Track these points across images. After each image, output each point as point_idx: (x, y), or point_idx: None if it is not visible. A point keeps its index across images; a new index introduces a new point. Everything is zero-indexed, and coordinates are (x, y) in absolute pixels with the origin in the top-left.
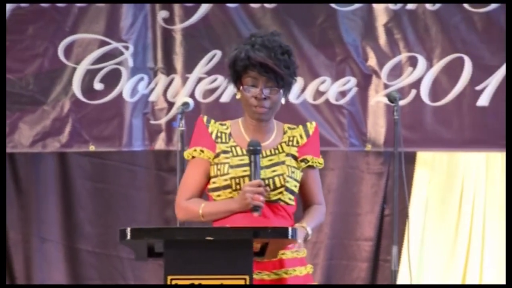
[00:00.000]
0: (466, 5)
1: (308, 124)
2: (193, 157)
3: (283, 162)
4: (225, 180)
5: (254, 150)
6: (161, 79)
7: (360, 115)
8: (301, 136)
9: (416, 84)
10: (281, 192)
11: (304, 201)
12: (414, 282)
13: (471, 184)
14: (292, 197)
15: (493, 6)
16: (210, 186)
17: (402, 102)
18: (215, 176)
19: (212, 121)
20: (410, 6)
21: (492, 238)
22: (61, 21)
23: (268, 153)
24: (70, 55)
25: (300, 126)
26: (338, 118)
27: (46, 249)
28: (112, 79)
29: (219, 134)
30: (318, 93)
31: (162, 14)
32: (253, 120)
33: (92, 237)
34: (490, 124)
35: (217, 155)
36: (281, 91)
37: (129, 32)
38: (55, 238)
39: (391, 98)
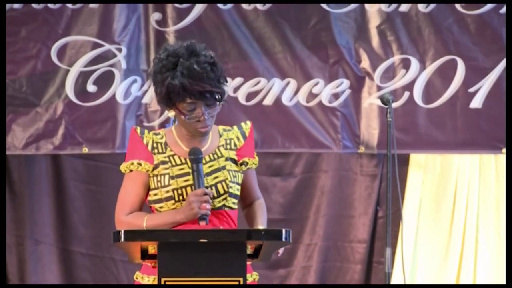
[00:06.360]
0: (459, 7)
1: (243, 124)
2: (131, 170)
3: (223, 167)
4: (167, 191)
5: (196, 159)
6: None
7: (353, 117)
8: (238, 138)
9: (409, 86)
10: (225, 198)
11: (245, 199)
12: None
13: (464, 186)
14: (236, 201)
15: (486, 8)
16: (151, 198)
17: (395, 104)
18: (156, 188)
19: (146, 131)
20: (403, 8)
21: (485, 240)
22: (54, 23)
23: (208, 159)
24: (63, 57)
25: (235, 127)
26: (331, 120)
27: (40, 252)
28: (105, 81)
29: (154, 145)
30: (311, 95)
31: (155, 16)
32: (194, 136)
33: (85, 239)
34: (483, 126)
35: (155, 167)
36: (219, 103)
37: (122, 34)
38: (49, 241)
39: (384, 100)
